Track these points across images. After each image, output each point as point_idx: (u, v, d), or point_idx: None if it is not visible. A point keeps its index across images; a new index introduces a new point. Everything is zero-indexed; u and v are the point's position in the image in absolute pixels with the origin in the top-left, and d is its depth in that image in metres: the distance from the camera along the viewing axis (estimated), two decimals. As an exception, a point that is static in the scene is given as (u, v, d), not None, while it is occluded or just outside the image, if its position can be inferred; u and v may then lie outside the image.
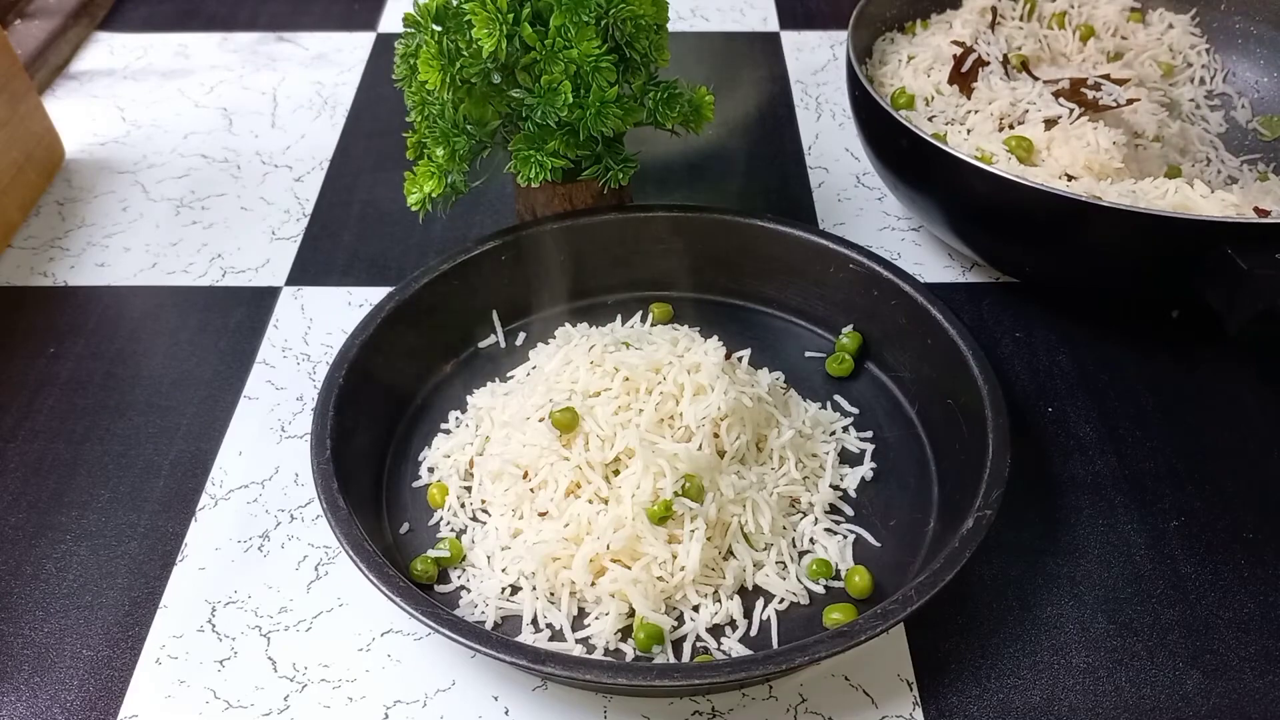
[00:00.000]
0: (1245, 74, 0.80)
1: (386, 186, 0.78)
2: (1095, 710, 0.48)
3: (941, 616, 0.51)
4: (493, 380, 0.61)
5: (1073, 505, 0.57)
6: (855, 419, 0.60)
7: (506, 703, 0.48)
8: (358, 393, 0.55)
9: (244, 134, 0.84)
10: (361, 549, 0.47)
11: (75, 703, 0.48)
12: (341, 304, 0.69)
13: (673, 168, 0.80)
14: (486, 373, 0.62)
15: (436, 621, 0.45)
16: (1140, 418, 0.61)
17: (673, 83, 0.61)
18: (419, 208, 0.61)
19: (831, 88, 0.89)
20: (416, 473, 0.57)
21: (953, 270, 0.71)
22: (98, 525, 0.56)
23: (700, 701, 0.48)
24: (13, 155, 0.74)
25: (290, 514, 0.56)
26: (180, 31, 0.97)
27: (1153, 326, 0.66)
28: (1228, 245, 0.54)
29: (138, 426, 0.61)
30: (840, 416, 0.59)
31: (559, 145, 0.59)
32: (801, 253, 0.63)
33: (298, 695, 0.48)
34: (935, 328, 0.58)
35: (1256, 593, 0.52)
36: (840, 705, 0.48)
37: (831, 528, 0.54)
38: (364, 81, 0.90)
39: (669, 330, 0.59)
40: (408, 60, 0.60)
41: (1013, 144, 0.65)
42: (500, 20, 0.55)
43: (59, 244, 0.73)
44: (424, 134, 0.61)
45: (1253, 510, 0.56)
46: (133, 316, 0.68)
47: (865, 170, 0.80)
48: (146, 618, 0.51)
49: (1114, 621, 0.51)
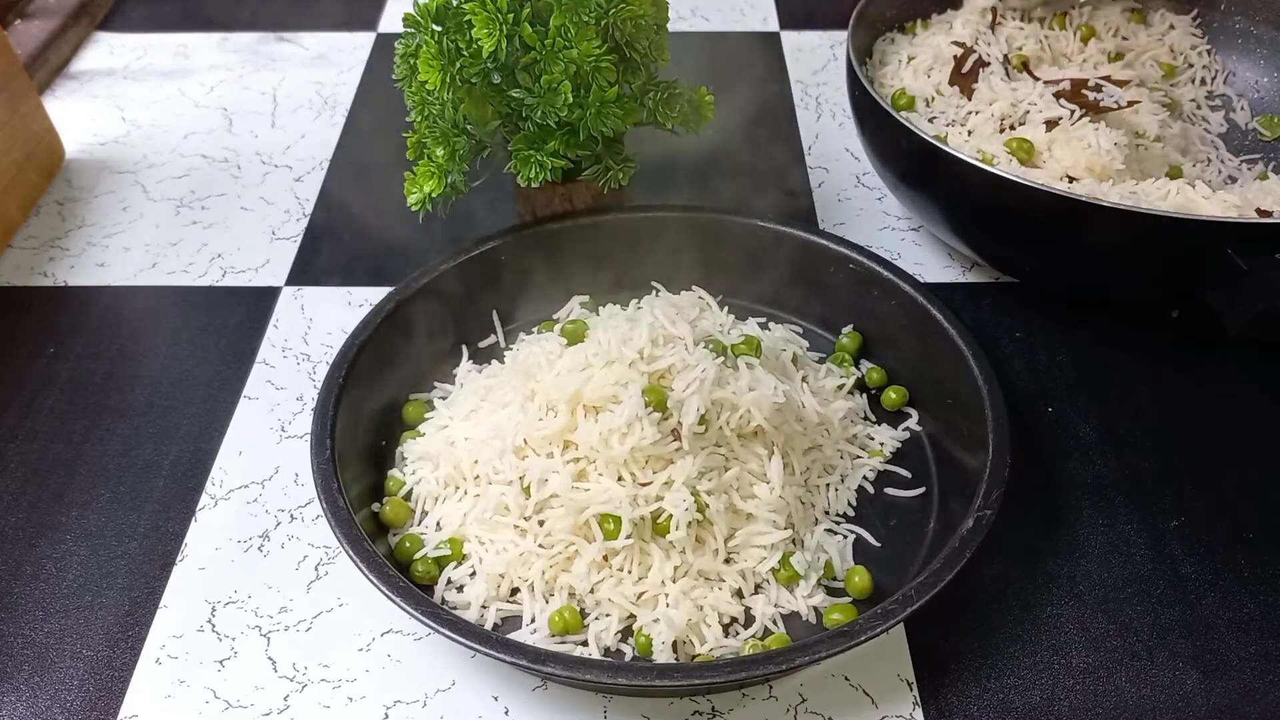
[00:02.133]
0: (1245, 74, 0.80)
1: (386, 186, 0.78)
2: (1095, 710, 0.48)
3: (941, 616, 0.51)
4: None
5: (1073, 505, 0.57)
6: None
7: (506, 703, 0.48)
8: (358, 393, 0.55)
9: (244, 134, 0.84)
10: (361, 549, 0.47)
11: (75, 703, 0.48)
12: (341, 304, 0.69)
13: (673, 168, 0.79)
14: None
15: (436, 621, 0.45)
16: (1140, 418, 0.61)
17: (673, 82, 0.61)
18: (419, 208, 0.61)
19: (831, 88, 0.89)
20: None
21: (953, 270, 0.71)
22: (98, 525, 0.56)
23: (700, 701, 0.48)
24: (13, 155, 0.74)
25: (290, 514, 0.56)
26: (180, 31, 0.97)
27: (1152, 327, 0.66)
28: (1229, 246, 0.54)
29: (138, 426, 0.61)
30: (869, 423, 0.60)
31: (559, 145, 0.59)
32: (801, 253, 0.63)
33: (298, 695, 0.48)
34: (935, 328, 0.58)
35: (1256, 593, 0.52)
36: (840, 705, 0.48)
37: (832, 528, 0.54)
38: (364, 81, 0.90)
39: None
40: (408, 60, 0.60)
41: (1013, 145, 0.65)
42: (500, 20, 0.55)
43: (59, 244, 0.73)
44: (424, 134, 0.61)
45: (1253, 510, 0.56)
46: (133, 316, 0.68)
47: (865, 170, 0.80)
48: (146, 618, 0.51)
49: (1114, 621, 0.51)
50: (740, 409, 0.52)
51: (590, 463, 0.51)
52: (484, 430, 0.54)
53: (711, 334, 0.56)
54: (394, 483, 0.55)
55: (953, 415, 0.56)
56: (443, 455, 0.55)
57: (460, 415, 0.57)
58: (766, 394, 0.52)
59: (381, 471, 0.56)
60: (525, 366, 0.56)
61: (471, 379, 0.60)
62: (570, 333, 0.57)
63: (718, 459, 0.52)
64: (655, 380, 0.52)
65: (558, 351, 0.56)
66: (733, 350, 0.55)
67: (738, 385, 0.53)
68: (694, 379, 0.52)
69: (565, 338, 0.57)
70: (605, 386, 0.51)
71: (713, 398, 0.51)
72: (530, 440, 0.52)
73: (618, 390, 0.51)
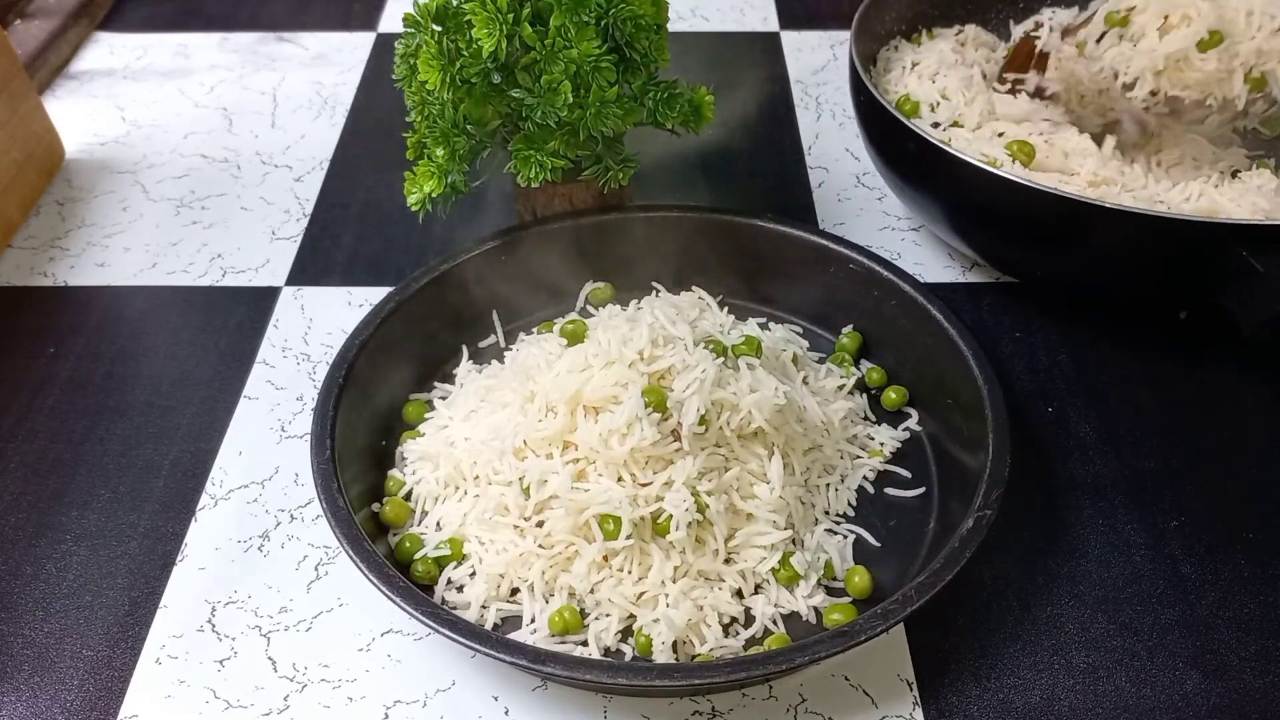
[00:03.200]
0: None
1: (386, 186, 0.78)
2: (1095, 710, 0.48)
3: (941, 616, 0.51)
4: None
5: (1073, 505, 0.57)
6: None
7: (506, 703, 0.48)
8: (358, 393, 0.55)
9: (244, 134, 0.84)
10: (361, 549, 0.47)
11: (75, 703, 0.48)
12: (341, 304, 0.69)
13: (673, 168, 0.79)
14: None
15: (436, 621, 0.45)
16: (1140, 418, 0.61)
17: (673, 82, 0.61)
18: (419, 208, 0.61)
19: (831, 88, 0.89)
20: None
21: (953, 270, 0.71)
22: (98, 525, 0.56)
23: (700, 701, 0.48)
24: (13, 155, 0.74)
25: (290, 514, 0.56)
26: (180, 31, 0.97)
27: (1152, 327, 0.66)
28: (1243, 247, 0.54)
29: (138, 426, 0.61)
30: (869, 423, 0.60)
31: (559, 145, 0.59)
32: (801, 253, 0.63)
33: (298, 695, 0.48)
34: (935, 328, 0.58)
35: (1256, 593, 0.52)
36: (840, 705, 0.48)
37: (832, 528, 0.54)
38: (364, 81, 0.90)
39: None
40: (408, 60, 0.60)
41: (1014, 149, 0.65)
42: (500, 20, 0.55)
43: (59, 244, 0.73)
44: (424, 134, 0.61)
45: (1253, 510, 0.56)
46: (133, 316, 0.68)
47: (865, 170, 0.80)
48: (146, 618, 0.51)
49: (1114, 621, 0.51)
50: (741, 410, 0.52)
51: (590, 463, 0.51)
52: (483, 431, 0.54)
53: (711, 334, 0.56)
54: (394, 483, 0.55)
55: (953, 415, 0.56)
56: (442, 455, 0.55)
57: (460, 415, 0.57)
58: (768, 395, 0.52)
59: (381, 471, 0.56)
60: (525, 367, 0.56)
61: (471, 379, 0.60)
62: (570, 333, 0.57)
63: (718, 459, 0.52)
64: (655, 381, 0.52)
65: (557, 352, 0.56)
66: (733, 351, 0.55)
67: (738, 386, 0.53)
68: (694, 379, 0.52)
69: (565, 338, 0.57)
70: (605, 387, 0.51)
71: (713, 398, 0.51)
72: (530, 441, 0.52)
73: (617, 391, 0.51)
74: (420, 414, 0.58)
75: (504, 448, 0.53)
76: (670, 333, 0.54)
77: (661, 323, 0.55)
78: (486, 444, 0.53)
